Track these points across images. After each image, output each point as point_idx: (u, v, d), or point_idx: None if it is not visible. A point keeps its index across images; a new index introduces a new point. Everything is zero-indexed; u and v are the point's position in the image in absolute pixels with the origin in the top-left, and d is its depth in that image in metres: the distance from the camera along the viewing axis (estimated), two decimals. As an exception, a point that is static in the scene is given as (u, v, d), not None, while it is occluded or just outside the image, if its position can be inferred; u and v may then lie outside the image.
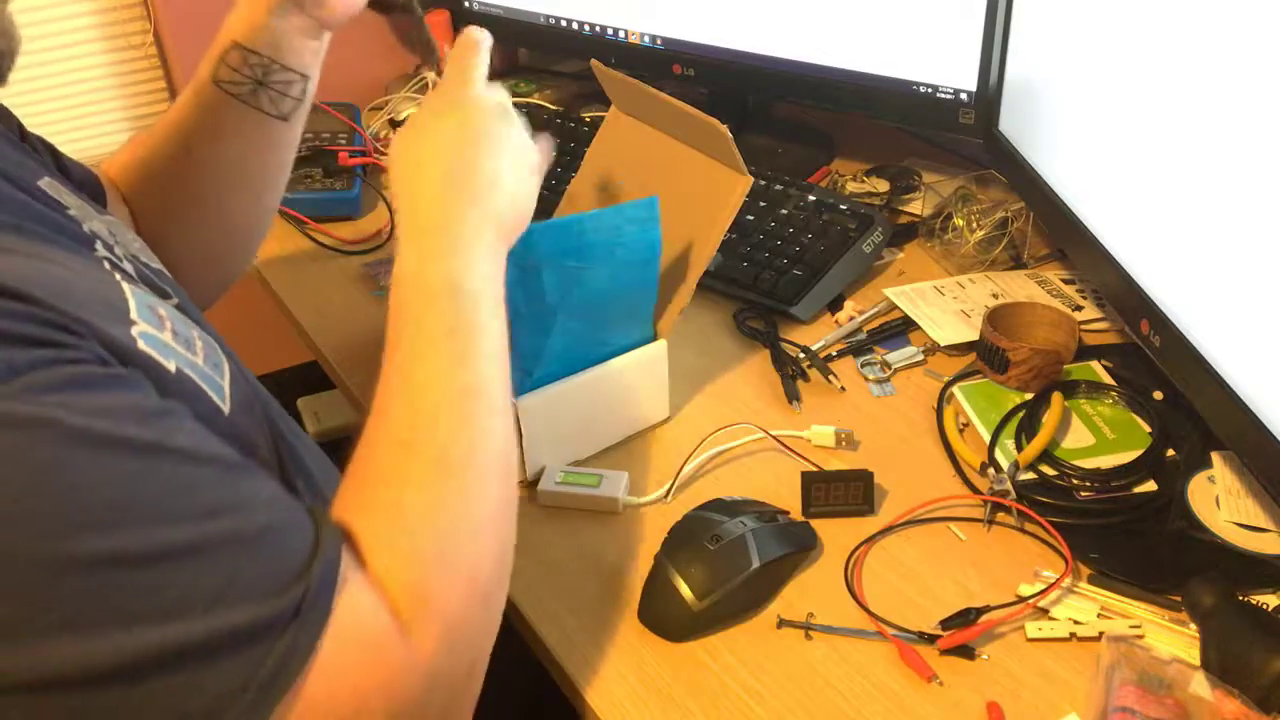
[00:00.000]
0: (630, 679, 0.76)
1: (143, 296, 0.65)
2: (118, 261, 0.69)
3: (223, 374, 0.67)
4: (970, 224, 1.16)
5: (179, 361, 0.62)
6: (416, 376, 0.66)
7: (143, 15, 1.50)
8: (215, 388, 0.65)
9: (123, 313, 0.61)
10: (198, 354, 0.65)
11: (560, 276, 0.85)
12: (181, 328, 0.66)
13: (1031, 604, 0.77)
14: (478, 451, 0.66)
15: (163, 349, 0.61)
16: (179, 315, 0.67)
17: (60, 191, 0.74)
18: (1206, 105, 0.78)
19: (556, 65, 1.65)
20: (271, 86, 0.90)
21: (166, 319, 0.65)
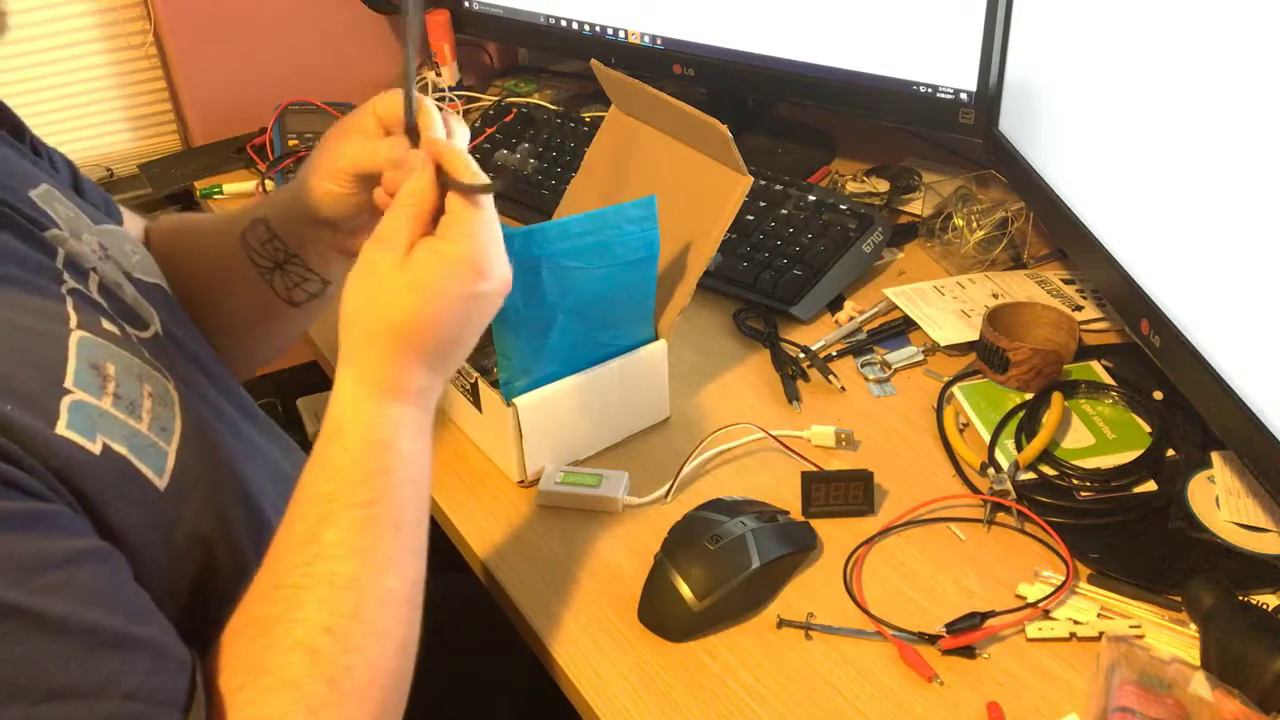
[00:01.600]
0: (630, 679, 0.76)
1: (90, 350, 0.62)
2: (86, 292, 0.67)
3: (170, 438, 0.64)
4: (970, 224, 1.16)
5: (109, 435, 0.59)
6: (342, 572, 0.60)
7: (143, 15, 1.50)
8: (154, 458, 0.62)
9: (56, 378, 0.59)
10: (141, 419, 0.62)
11: (560, 276, 0.85)
12: (128, 386, 0.63)
13: (1039, 609, 0.77)
14: (382, 671, 0.61)
15: (90, 425, 0.58)
16: (133, 365, 0.65)
17: (53, 201, 0.72)
18: (1206, 105, 0.78)
19: (556, 65, 1.65)
20: (289, 275, 0.86)
21: (112, 378, 0.62)
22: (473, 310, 0.66)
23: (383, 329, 0.65)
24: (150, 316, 0.73)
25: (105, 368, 0.62)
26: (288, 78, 1.51)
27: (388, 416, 0.65)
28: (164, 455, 0.63)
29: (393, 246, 0.65)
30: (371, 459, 0.64)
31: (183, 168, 1.47)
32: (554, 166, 1.33)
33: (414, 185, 0.66)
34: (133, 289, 0.74)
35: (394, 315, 0.65)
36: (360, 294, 0.66)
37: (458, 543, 0.90)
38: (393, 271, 0.65)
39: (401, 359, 0.65)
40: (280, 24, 1.55)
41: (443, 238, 0.65)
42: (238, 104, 1.51)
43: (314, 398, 1.77)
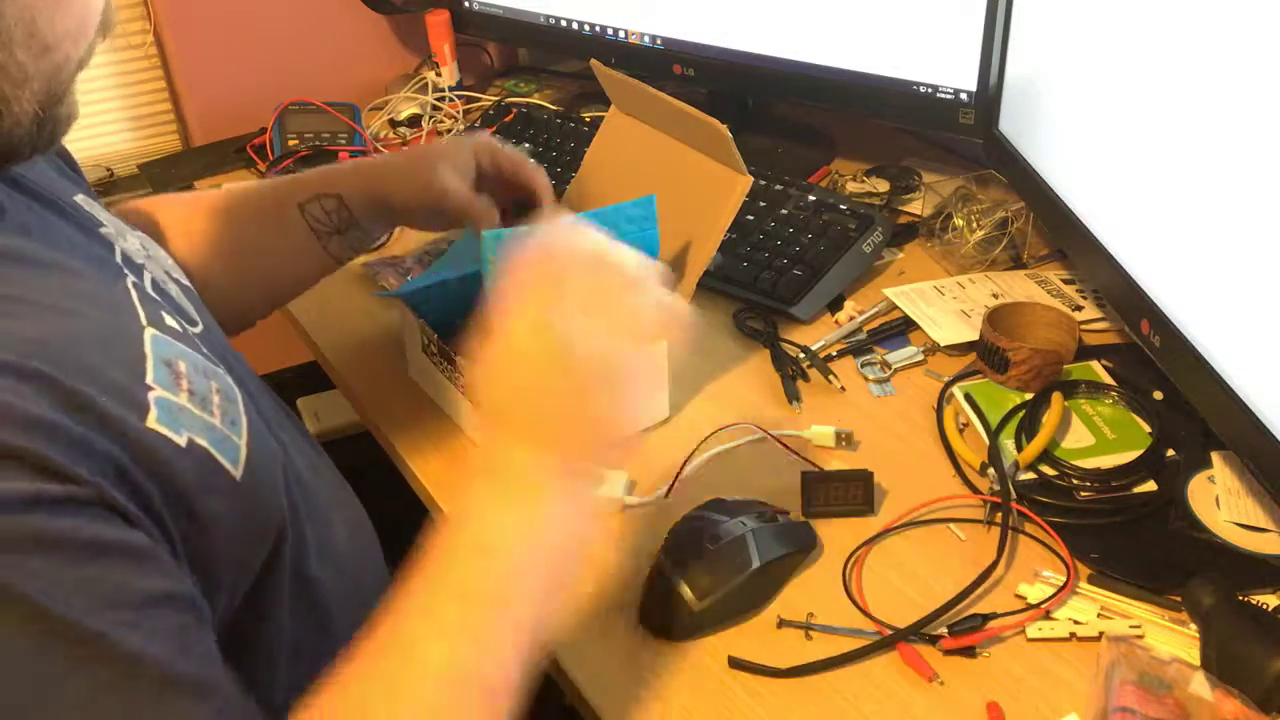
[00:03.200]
0: (630, 679, 0.76)
1: (163, 347, 0.62)
2: (145, 289, 0.68)
3: (240, 430, 0.64)
4: (970, 224, 1.16)
5: (192, 429, 0.60)
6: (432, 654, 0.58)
7: (143, 15, 1.50)
8: (230, 450, 0.62)
9: (139, 374, 0.59)
10: (214, 413, 0.63)
11: (560, 276, 0.85)
12: (199, 381, 0.63)
13: (1041, 610, 0.77)
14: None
15: (175, 420, 0.59)
16: (199, 362, 0.65)
17: (95, 208, 0.73)
18: (1206, 105, 0.78)
19: (556, 65, 1.65)
20: (347, 238, 0.97)
21: (184, 375, 0.62)
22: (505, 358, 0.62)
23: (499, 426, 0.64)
24: (196, 313, 0.75)
25: (177, 364, 0.63)
26: (288, 78, 1.51)
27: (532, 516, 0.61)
28: (237, 448, 0.63)
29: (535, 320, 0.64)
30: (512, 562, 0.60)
31: (183, 168, 1.47)
32: (554, 166, 1.33)
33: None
34: (176, 287, 0.76)
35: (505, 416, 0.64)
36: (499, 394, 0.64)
37: (458, 543, 0.90)
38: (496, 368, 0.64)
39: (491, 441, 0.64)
40: (280, 24, 1.55)
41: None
42: (238, 104, 1.50)
43: (314, 398, 1.77)
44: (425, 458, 0.95)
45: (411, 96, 1.50)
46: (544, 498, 0.61)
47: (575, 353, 0.62)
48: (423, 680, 0.57)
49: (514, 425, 0.62)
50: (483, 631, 0.59)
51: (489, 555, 0.60)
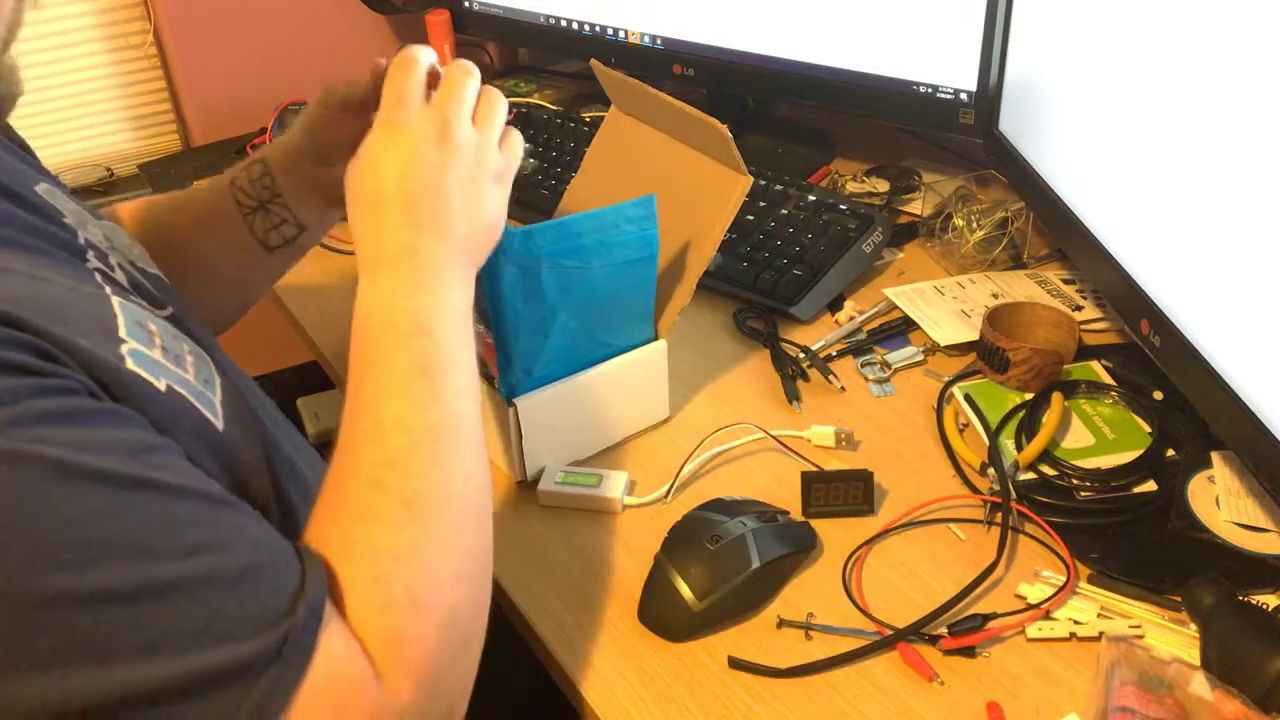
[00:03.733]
0: (630, 679, 0.76)
1: (132, 311, 0.64)
2: (109, 272, 0.69)
3: (214, 390, 0.66)
4: (970, 224, 1.16)
5: (169, 379, 0.61)
6: (386, 416, 0.65)
7: (143, 15, 1.50)
8: (207, 403, 0.64)
9: (111, 330, 0.60)
10: (188, 370, 0.64)
11: (559, 276, 0.85)
12: (171, 343, 0.65)
13: (1040, 610, 0.77)
14: (450, 493, 0.65)
15: (152, 366, 0.61)
16: (170, 329, 0.67)
17: (57, 197, 0.74)
18: (1206, 105, 0.78)
19: (556, 65, 1.65)
20: (270, 215, 0.94)
21: (156, 334, 0.64)
22: (403, 160, 0.71)
23: (351, 206, 0.73)
24: (167, 296, 0.75)
25: (148, 325, 0.64)
26: (288, 78, 1.51)
27: (380, 282, 0.70)
28: (213, 403, 0.65)
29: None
30: (376, 321, 0.69)
31: (183, 168, 1.47)
32: (554, 166, 1.33)
33: None
34: (139, 277, 0.75)
35: (351, 189, 0.73)
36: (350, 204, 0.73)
37: (458, 543, 0.90)
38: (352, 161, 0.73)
39: (370, 227, 0.71)
40: (280, 24, 1.55)
41: None
42: (238, 104, 1.51)
43: (314, 398, 1.77)
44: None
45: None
46: (452, 282, 0.71)
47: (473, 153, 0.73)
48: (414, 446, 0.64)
49: (417, 217, 0.71)
50: (449, 391, 0.67)
51: (429, 335, 0.68)
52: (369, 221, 0.72)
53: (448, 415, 0.67)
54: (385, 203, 0.71)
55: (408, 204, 0.71)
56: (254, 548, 0.57)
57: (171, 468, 0.56)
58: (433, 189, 0.71)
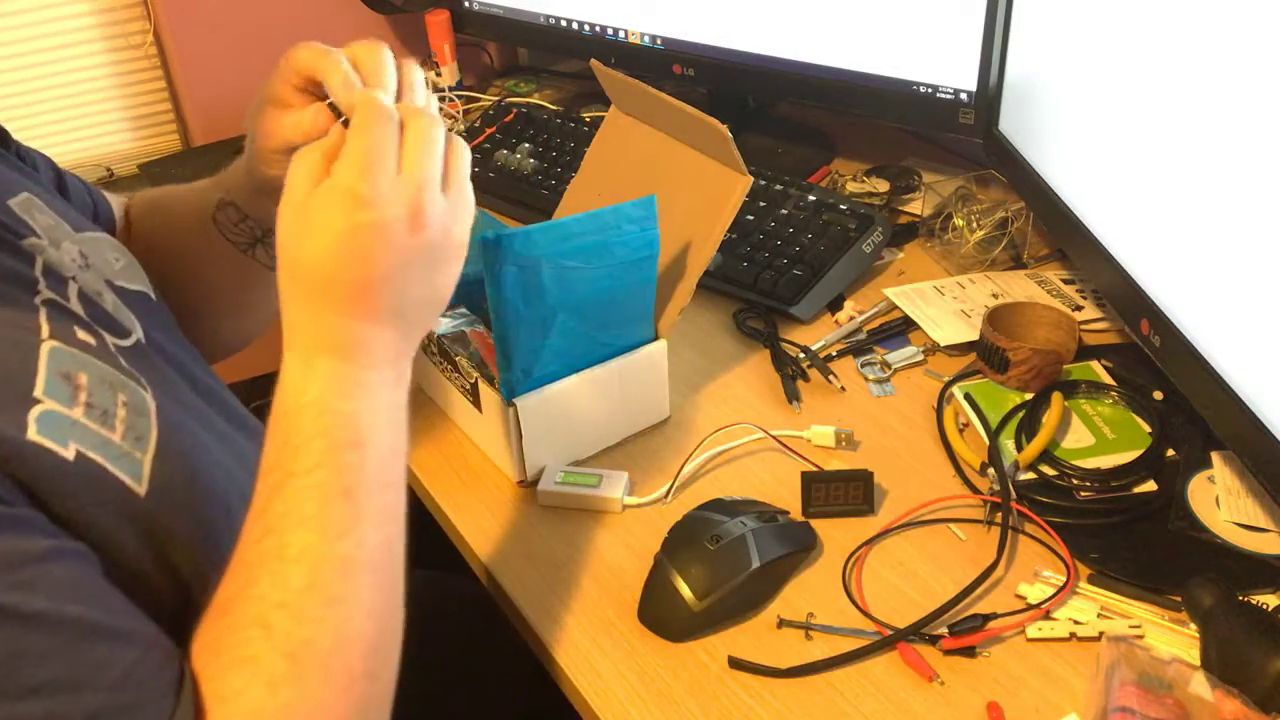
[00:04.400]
0: (630, 679, 0.76)
1: (62, 360, 0.61)
2: (64, 303, 0.66)
3: (145, 447, 0.62)
4: (970, 224, 1.16)
5: (83, 443, 0.58)
6: (292, 543, 0.58)
7: (143, 15, 1.50)
8: (130, 466, 0.60)
9: (22, 391, 0.57)
10: (115, 428, 0.61)
11: (559, 276, 0.85)
12: (101, 395, 0.61)
13: (1040, 610, 0.77)
14: (348, 636, 0.58)
15: (62, 431, 0.57)
16: (106, 373, 0.63)
17: (32, 209, 0.71)
18: (1206, 105, 0.78)
19: (556, 65, 1.65)
20: (269, 247, 0.85)
21: (84, 387, 0.61)
22: (369, 243, 0.60)
23: (290, 281, 0.62)
24: (132, 324, 0.72)
25: (77, 377, 0.61)
26: (288, 78, 1.51)
27: (316, 375, 0.61)
28: (139, 464, 0.61)
29: (289, 197, 0.62)
30: (306, 423, 0.61)
31: (183, 168, 1.47)
32: (554, 166, 1.33)
33: (322, 139, 0.64)
34: (114, 297, 0.73)
35: (293, 262, 0.62)
36: (277, 251, 0.63)
37: (458, 543, 0.90)
38: (291, 222, 0.62)
39: (312, 309, 0.62)
40: (280, 24, 1.55)
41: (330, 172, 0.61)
42: (238, 104, 1.49)
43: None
44: (423, 454, 0.95)
45: (411, 96, 1.50)
46: (396, 377, 0.64)
47: (442, 229, 0.63)
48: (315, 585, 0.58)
49: (374, 306, 0.62)
50: (372, 514, 0.61)
51: (363, 448, 0.61)
52: (313, 301, 0.62)
53: (365, 545, 0.60)
54: (336, 286, 0.61)
55: (364, 292, 0.61)
56: (114, 689, 0.52)
57: (44, 586, 0.51)
58: (394, 275, 0.62)
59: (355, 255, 0.60)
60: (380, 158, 0.61)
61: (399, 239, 0.61)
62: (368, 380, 0.62)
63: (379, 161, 0.61)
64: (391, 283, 0.62)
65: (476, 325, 0.96)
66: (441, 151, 0.64)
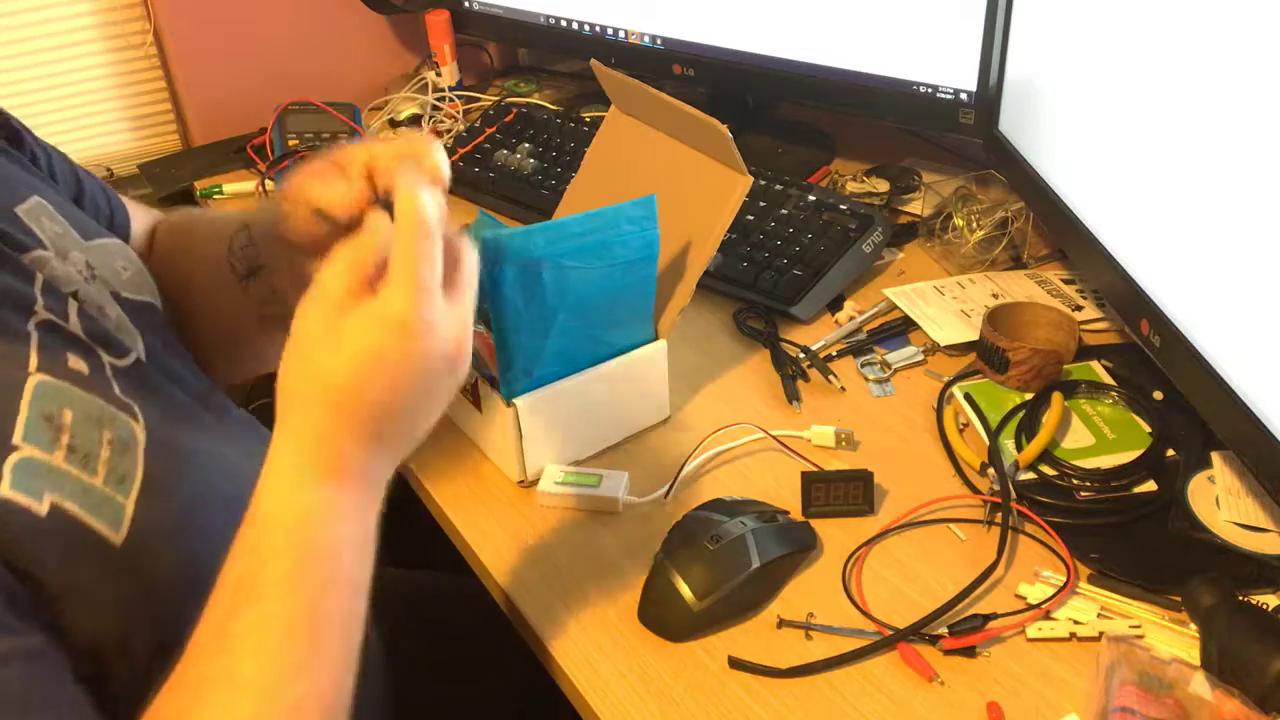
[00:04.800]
0: (630, 679, 0.76)
1: (46, 398, 0.59)
2: (61, 322, 0.64)
3: (129, 489, 0.61)
4: (970, 224, 1.16)
5: (59, 492, 0.57)
6: (244, 672, 0.54)
7: (143, 15, 1.50)
8: (109, 513, 0.59)
9: (2, 436, 0.56)
10: (97, 472, 0.59)
11: (559, 276, 0.85)
12: (87, 435, 0.60)
13: (1041, 610, 0.77)
14: None
15: (38, 480, 0.56)
16: (94, 407, 0.61)
17: (40, 217, 0.70)
18: (1206, 105, 0.78)
19: (556, 65, 1.65)
20: (260, 285, 0.82)
21: (65, 430, 0.59)
22: (409, 375, 0.58)
23: (309, 394, 0.59)
24: (133, 340, 0.71)
25: (61, 416, 0.59)
26: (288, 78, 1.51)
27: (316, 500, 0.58)
28: (120, 509, 0.60)
29: (324, 301, 0.59)
30: (292, 550, 0.57)
31: (183, 168, 1.47)
32: (554, 166, 1.33)
33: (362, 237, 0.60)
34: (118, 310, 0.72)
35: (320, 370, 0.58)
36: (289, 354, 0.59)
37: (457, 543, 0.90)
38: (322, 329, 0.58)
39: (331, 429, 0.58)
40: (280, 24, 1.55)
41: (376, 291, 0.58)
42: (238, 104, 1.50)
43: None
44: (424, 454, 0.95)
45: (411, 96, 1.50)
46: (374, 501, 0.61)
47: (437, 354, 0.60)
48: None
49: (392, 434, 0.60)
50: (333, 653, 0.57)
51: (333, 585, 0.58)
52: (328, 414, 0.58)
53: (318, 686, 0.56)
54: (359, 406, 0.58)
55: (383, 417, 0.59)
56: None
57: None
58: (418, 403, 0.60)
59: (390, 382, 0.58)
60: (433, 287, 0.59)
61: (436, 368, 0.60)
62: (353, 505, 0.59)
63: (432, 291, 0.59)
64: (411, 412, 0.60)
65: (477, 325, 0.95)
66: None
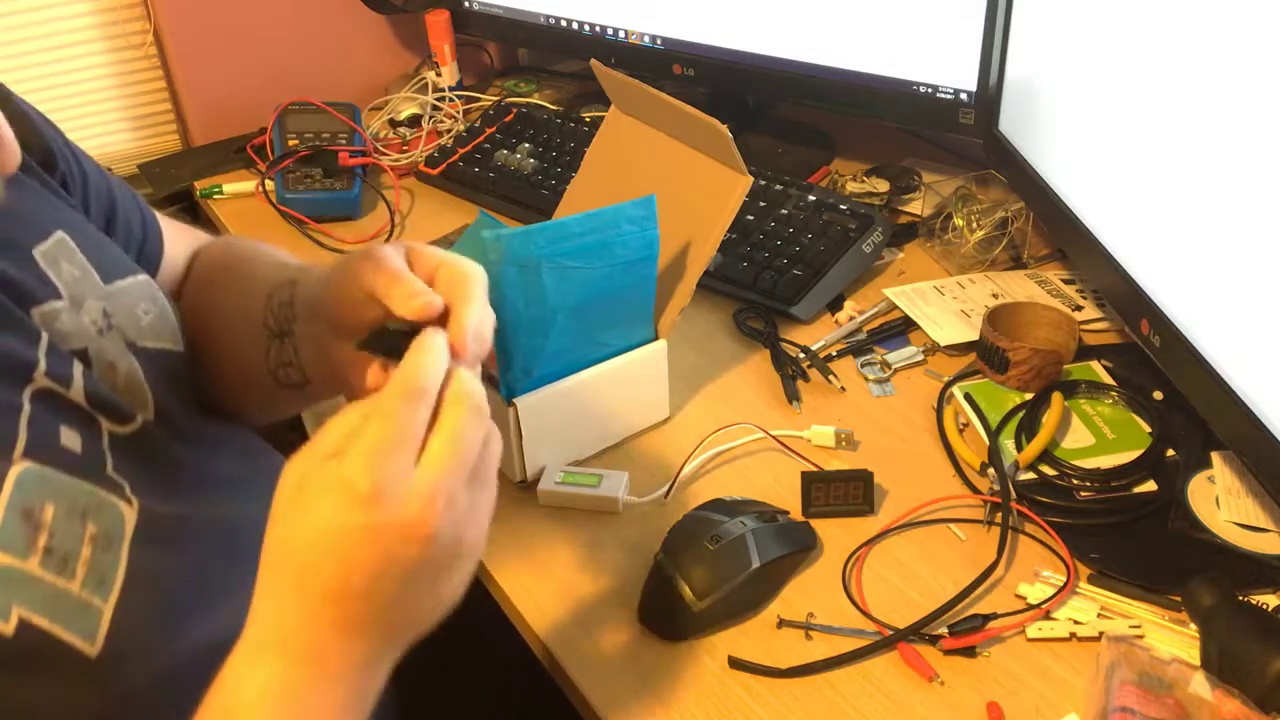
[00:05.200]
0: (630, 679, 0.76)
1: (28, 490, 0.56)
2: (62, 389, 0.62)
3: (109, 591, 0.58)
4: (970, 224, 1.16)
5: (29, 604, 0.54)
6: None
7: (143, 15, 1.50)
8: (84, 622, 0.56)
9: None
10: (75, 574, 0.57)
11: (559, 276, 0.85)
12: (65, 535, 0.57)
13: (1041, 610, 0.77)
14: None
15: (8, 594, 0.53)
16: (79, 496, 0.59)
17: (60, 259, 0.67)
18: (1206, 105, 0.78)
19: (556, 65, 1.65)
20: (284, 349, 0.75)
21: (45, 529, 0.56)
22: (356, 549, 0.52)
23: (269, 553, 0.54)
24: (142, 400, 0.68)
25: (41, 512, 0.57)
26: (288, 78, 1.51)
27: (257, 676, 0.53)
28: (97, 615, 0.57)
29: (305, 459, 0.54)
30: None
31: (183, 168, 1.47)
32: (554, 166, 1.33)
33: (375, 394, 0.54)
34: (131, 363, 0.69)
35: (278, 537, 0.54)
36: (271, 509, 0.54)
37: (458, 543, 0.90)
38: (294, 482, 0.53)
39: (279, 596, 0.53)
40: (280, 24, 1.55)
41: (341, 451, 0.53)
42: (238, 104, 1.50)
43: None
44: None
45: (411, 96, 1.50)
46: (352, 693, 0.54)
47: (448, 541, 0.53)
48: None
49: (334, 606, 0.53)
50: None
51: None
52: (281, 587, 0.53)
53: None
54: (310, 581, 0.53)
55: (338, 599, 0.53)
56: None
57: None
58: (381, 587, 0.53)
59: (337, 557, 0.52)
60: (392, 449, 0.52)
61: (395, 549, 0.52)
62: (311, 694, 0.53)
63: (389, 454, 0.52)
64: (376, 595, 0.53)
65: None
66: (475, 452, 0.55)
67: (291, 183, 1.32)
